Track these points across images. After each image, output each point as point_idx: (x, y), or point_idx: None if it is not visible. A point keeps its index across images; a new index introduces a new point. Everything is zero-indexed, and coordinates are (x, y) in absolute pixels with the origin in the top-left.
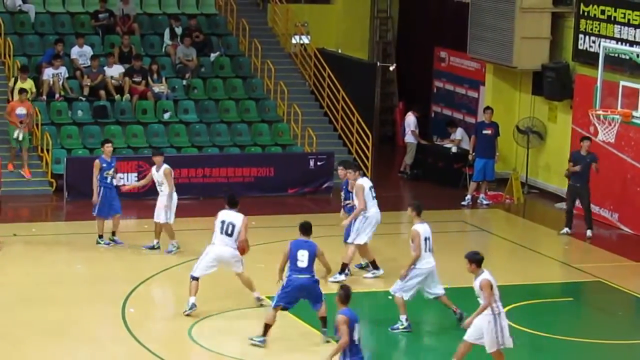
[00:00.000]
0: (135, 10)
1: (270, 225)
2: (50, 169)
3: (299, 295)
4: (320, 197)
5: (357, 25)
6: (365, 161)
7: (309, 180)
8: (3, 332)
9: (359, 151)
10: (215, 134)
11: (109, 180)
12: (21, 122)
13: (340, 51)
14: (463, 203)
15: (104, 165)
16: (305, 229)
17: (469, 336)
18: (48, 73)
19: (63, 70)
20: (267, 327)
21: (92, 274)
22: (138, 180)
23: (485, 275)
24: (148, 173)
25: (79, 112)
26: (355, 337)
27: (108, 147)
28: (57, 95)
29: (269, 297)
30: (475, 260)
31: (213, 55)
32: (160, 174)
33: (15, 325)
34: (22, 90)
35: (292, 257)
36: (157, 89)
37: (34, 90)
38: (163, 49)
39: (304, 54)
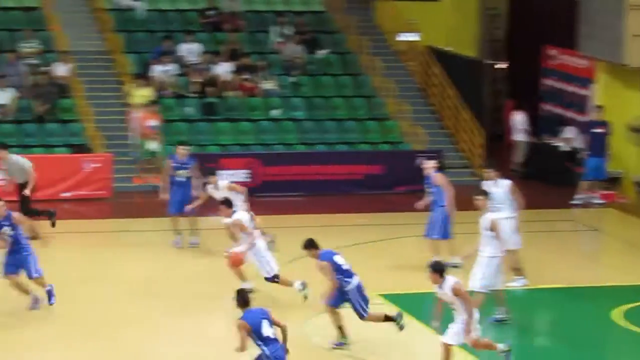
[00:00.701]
0: (241, 7)
1: (381, 223)
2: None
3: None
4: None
5: (466, 22)
6: (475, 159)
7: (418, 178)
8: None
9: (467, 149)
10: (324, 131)
11: (183, 179)
12: (153, 134)
13: (449, 49)
14: (573, 202)
15: (175, 164)
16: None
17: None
18: (157, 70)
19: (172, 67)
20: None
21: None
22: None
23: (452, 279)
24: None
25: (188, 108)
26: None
27: (181, 149)
28: (166, 92)
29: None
30: (438, 269)
31: (320, 53)
32: (222, 189)
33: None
34: (151, 102)
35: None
36: (265, 86)
37: (152, 98)
38: (271, 46)
39: (412, 52)
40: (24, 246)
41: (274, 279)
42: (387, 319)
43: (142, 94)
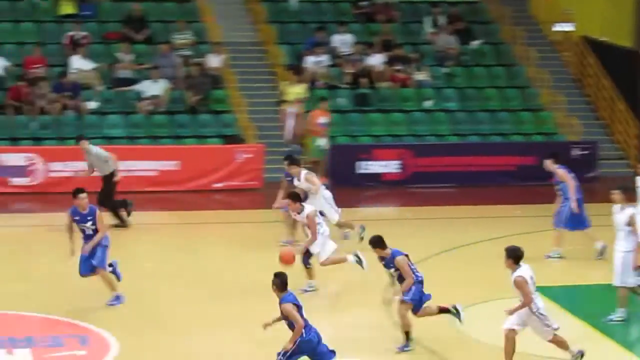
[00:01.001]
0: None
1: (534, 215)
2: (312, 157)
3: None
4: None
5: (622, 12)
6: (630, 151)
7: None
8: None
9: (622, 141)
10: (477, 122)
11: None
12: (323, 131)
13: (604, 39)
14: None
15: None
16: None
17: (511, 324)
18: (309, 61)
19: (325, 58)
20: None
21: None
22: None
23: (521, 271)
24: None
25: (341, 99)
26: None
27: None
28: (318, 83)
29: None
30: (514, 255)
31: (474, 43)
32: (303, 182)
33: None
34: (323, 99)
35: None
36: (418, 77)
37: (306, 95)
38: (424, 37)
39: (567, 42)
40: (101, 239)
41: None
42: (442, 310)
43: (296, 91)
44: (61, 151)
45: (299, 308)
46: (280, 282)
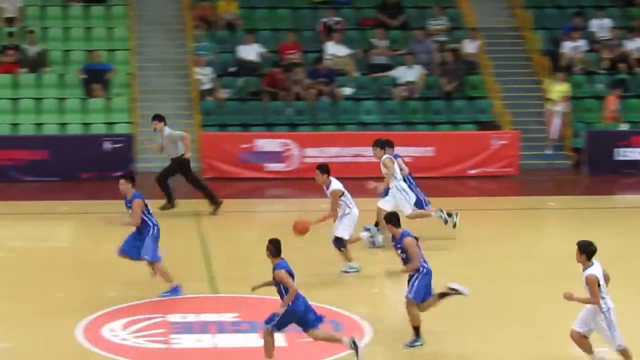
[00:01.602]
0: None
1: None
2: (570, 143)
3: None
4: None
5: None
6: None
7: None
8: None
9: None
10: None
11: None
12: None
13: None
14: None
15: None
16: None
17: (577, 326)
18: (567, 46)
19: (582, 43)
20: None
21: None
22: None
23: (593, 269)
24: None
25: (599, 85)
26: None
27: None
28: (576, 69)
29: None
30: (587, 251)
31: None
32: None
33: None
34: (616, 85)
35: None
36: None
37: (569, 93)
38: None
39: None
40: (149, 227)
41: (340, 247)
42: (442, 295)
43: (559, 89)
44: (316, 137)
45: (292, 276)
46: (274, 247)
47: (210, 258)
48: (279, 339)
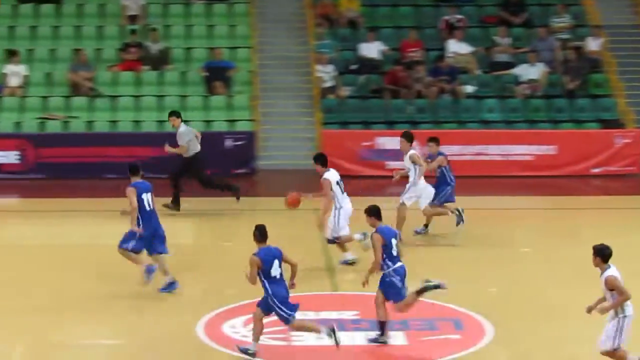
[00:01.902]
0: None
1: None
2: None
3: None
4: None
5: None
6: None
7: None
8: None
9: None
10: None
11: None
12: None
13: None
14: None
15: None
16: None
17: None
18: None
19: None
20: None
21: None
22: None
23: (611, 271)
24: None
25: None
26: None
27: None
28: None
29: None
30: (602, 254)
31: None
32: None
33: None
34: None
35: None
36: None
37: None
38: None
39: None
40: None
41: (334, 240)
42: (420, 292)
43: None
44: (437, 135)
45: (265, 262)
46: (259, 233)
47: (330, 256)
48: (400, 337)
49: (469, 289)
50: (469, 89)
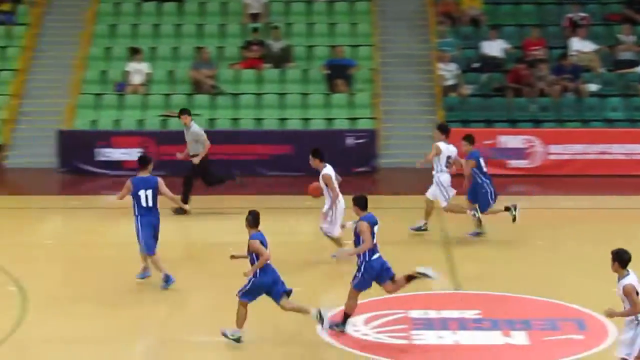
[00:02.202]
0: None
1: None
2: None
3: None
4: None
5: None
6: None
7: None
8: None
9: None
10: None
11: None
12: None
13: None
14: None
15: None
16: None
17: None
18: None
19: None
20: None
21: None
22: None
23: (630, 278)
24: None
25: None
26: None
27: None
28: None
29: None
30: (620, 259)
31: None
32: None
33: None
34: None
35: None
36: None
37: None
38: None
39: None
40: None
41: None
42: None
43: None
44: (561, 134)
45: (264, 246)
46: (252, 218)
47: (452, 255)
48: (522, 337)
49: (593, 288)
50: (593, 87)
